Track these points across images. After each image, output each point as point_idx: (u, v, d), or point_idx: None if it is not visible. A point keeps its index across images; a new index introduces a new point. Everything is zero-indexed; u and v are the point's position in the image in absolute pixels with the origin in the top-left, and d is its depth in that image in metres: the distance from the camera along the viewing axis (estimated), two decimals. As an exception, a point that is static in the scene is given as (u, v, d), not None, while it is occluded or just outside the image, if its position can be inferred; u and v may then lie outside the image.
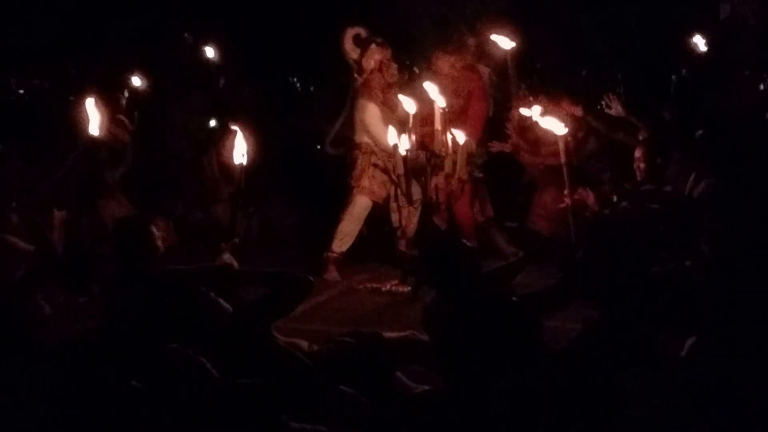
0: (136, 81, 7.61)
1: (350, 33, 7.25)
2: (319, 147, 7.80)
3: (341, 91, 7.52)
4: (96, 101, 5.35)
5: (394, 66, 7.27)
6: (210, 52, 7.71)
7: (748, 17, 8.57)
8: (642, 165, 6.30)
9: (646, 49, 8.69)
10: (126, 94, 7.17)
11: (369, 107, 7.14)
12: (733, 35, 8.25)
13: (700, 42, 8.00)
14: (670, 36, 8.66)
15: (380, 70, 7.22)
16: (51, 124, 6.25)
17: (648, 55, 8.62)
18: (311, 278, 5.07)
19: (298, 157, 8.11)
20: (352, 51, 7.24)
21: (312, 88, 9.22)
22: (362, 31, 7.27)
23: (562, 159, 5.53)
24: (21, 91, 7.12)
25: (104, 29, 8.75)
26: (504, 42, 7.07)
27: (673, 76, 8.26)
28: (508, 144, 7.38)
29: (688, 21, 8.77)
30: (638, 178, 6.31)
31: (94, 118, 5.38)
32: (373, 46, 7.18)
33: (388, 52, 7.24)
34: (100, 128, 5.47)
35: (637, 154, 6.39)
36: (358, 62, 7.23)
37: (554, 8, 9.24)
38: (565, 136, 5.55)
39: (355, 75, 7.25)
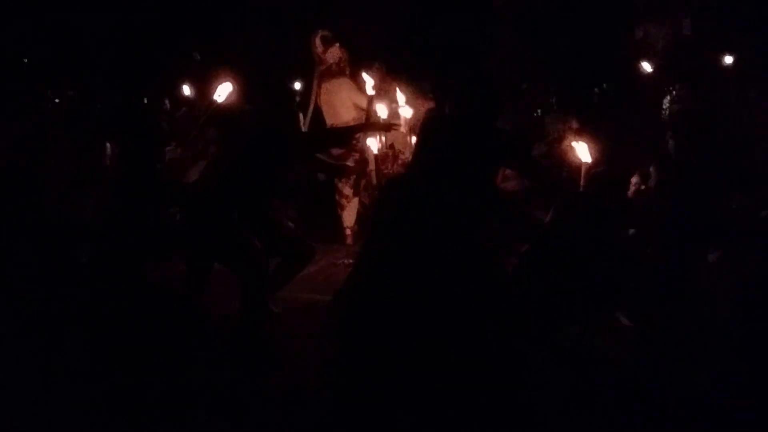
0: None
1: (320, 33, 8.72)
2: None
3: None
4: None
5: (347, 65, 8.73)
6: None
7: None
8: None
9: (575, 65, 9.73)
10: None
11: (335, 85, 8.60)
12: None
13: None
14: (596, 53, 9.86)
15: (338, 65, 8.70)
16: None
17: (576, 70, 9.68)
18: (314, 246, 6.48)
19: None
20: (319, 47, 8.68)
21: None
22: (328, 34, 8.72)
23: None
24: (57, 101, 7.81)
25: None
26: None
27: (596, 89, 9.43)
28: None
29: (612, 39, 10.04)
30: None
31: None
32: (337, 45, 8.67)
33: (345, 53, 8.74)
34: None
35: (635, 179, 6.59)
36: (321, 56, 8.68)
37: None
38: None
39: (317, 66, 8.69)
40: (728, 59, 9.45)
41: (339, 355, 4.36)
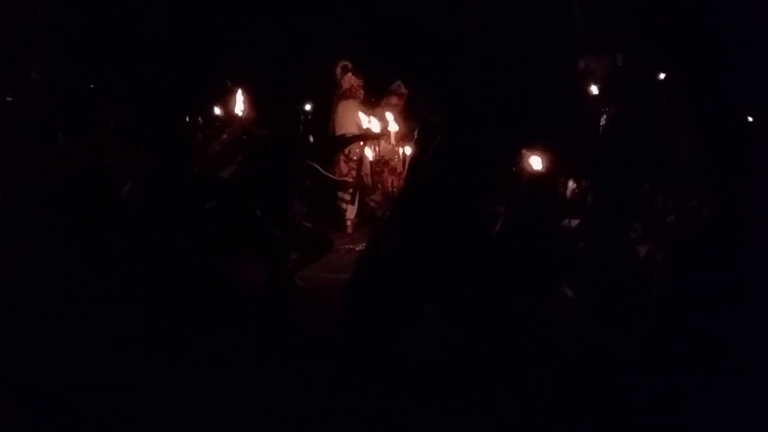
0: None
1: (340, 63, 10.14)
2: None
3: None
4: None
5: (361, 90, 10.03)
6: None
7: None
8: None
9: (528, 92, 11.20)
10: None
11: (346, 105, 9.95)
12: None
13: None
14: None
15: (351, 90, 10.08)
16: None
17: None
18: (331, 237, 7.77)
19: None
20: (338, 74, 10.07)
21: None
22: (348, 64, 10.10)
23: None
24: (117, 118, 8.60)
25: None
26: None
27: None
28: None
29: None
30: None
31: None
32: (350, 74, 10.07)
33: (360, 81, 10.09)
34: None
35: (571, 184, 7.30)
36: (339, 81, 10.03)
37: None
38: None
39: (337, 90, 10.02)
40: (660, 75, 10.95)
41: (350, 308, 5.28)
